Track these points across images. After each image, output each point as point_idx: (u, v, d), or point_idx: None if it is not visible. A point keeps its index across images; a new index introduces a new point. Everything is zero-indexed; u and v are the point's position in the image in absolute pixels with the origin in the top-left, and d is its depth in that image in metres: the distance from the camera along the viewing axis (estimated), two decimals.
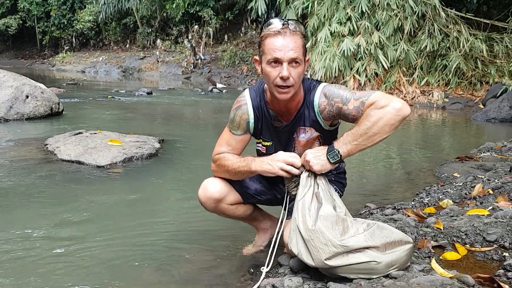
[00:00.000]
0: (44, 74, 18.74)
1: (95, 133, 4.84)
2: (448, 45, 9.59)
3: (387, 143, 3.88)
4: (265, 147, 1.98)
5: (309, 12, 10.62)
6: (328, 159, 1.70)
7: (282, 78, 1.72)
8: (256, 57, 1.86)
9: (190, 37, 18.16)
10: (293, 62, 1.72)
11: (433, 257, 1.78)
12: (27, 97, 6.35)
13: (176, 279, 2.05)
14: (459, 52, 9.38)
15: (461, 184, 3.13)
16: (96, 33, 24.31)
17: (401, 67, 9.86)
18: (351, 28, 9.84)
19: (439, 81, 9.68)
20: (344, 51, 9.60)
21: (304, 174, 1.74)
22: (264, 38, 1.76)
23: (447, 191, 2.98)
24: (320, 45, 9.95)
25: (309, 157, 1.72)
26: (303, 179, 1.73)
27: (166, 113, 8.18)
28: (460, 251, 1.86)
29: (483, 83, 9.44)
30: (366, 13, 9.84)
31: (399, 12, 9.67)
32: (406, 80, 9.74)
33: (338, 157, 1.69)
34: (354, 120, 1.76)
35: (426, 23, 9.71)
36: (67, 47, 25.03)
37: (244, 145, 2.01)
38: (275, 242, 1.83)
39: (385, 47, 9.71)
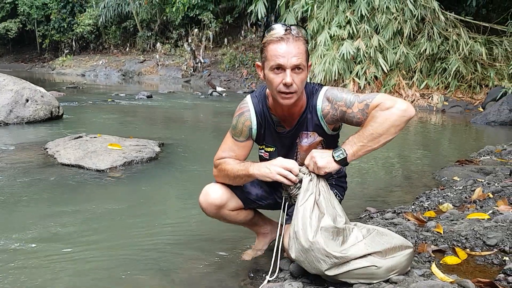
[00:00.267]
0: (44, 78, 18.76)
1: (95, 137, 4.84)
2: (447, 48, 9.62)
3: (387, 146, 3.87)
4: (268, 153, 1.98)
5: (308, 16, 10.64)
6: (333, 157, 1.70)
7: (285, 85, 1.72)
8: (258, 63, 1.85)
9: (190, 40, 18.17)
10: (296, 68, 1.71)
11: (433, 262, 1.78)
12: (27, 101, 6.35)
13: (176, 284, 2.05)
14: (459, 55, 9.40)
15: (461, 187, 3.13)
16: (96, 36, 24.36)
17: (401, 70, 9.88)
18: (351, 32, 9.87)
19: (438, 84, 9.70)
20: (343, 54, 9.62)
21: (306, 178, 1.72)
22: (266, 44, 1.75)
23: (447, 194, 2.97)
24: (320, 48, 9.97)
25: (315, 154, 1.72)
26: (305, 184, 1.71)
27: (166, 116, 8.17)
28: (460, 255, 1.86)
29: (483, 86, 9.46)
30: (365, 16, 9.87)
31: (398, 16, 9.70)
32: (406, 83, 9.76)
33: (344, 156, 1.68)
34: (359, 123, 1.76)
35: (426, 26, 9.74)
36: (67, 51, 25.07)
37: (247, 151, 2.00)
38: (277, 249, 1.83)
39: (385, 51, 9.73)
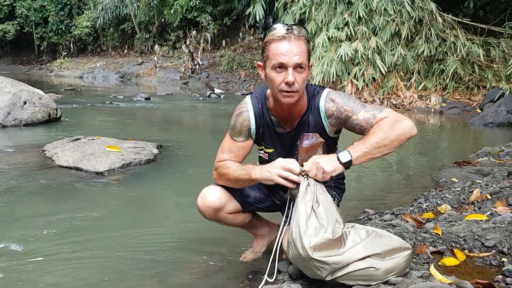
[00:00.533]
0: (42, 80, 18.74)
1: (93, 139, 4.84)
2: (445, 49, 9.65)
3: None
4: (267, 154, 1.97)
5: (306, 18, 10.66)
6: (338, 158, 1.67)
7: (287, 84, 1.72)
8: (259, 63, 1.85)
9: (188, 42, 18.19)
10: (298, 67, 1.71)
11: (431, 263, 1.78)
12: (25, 103, 6.35)
13: (174, 287, 2.04)
14: (456, 57, 9.42)
15: (459, 189, 3.13)
16: (94, 38, 24.35)
17: (399, 72, 9.89)
18: (349, 33, 9.89)
19: (436, 85, 9.72)
20: (341, 56, 9.63)
21: (303, 183, 1.68)
22: (268, 43, 1.75)
23: (445, 196, 2.98)
24: (318, 50, 9.98)
25: (319, 159, 1.68)
26: (302, 189, 1.67)
27: (164, 118, 8.17)
28: (458, 256, 1.86)
29: (480, 87, 9.47)
30: (363, 18, 9.89)
31: (396, 17, 9.72)
32: (404, 85, 9.78)
33: (350, 158, 1.66)
34: (362, 130, 1.76)
35: (423, 28, 9.77)
36: (65, 53, 25.05)
37: (246, 152, 1.99)
38: (275, 251, 1.81)
39: (383, 52, 9.75)
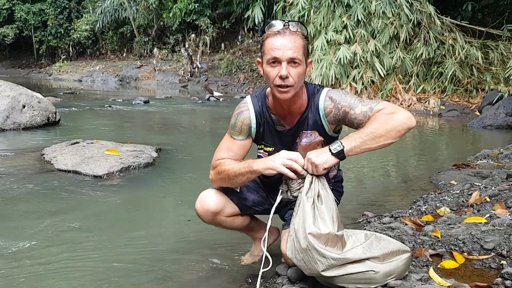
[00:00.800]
0: (41, 83, 18.72)
1: (92, 142, 4.84)
2: (443, 52, 9.66)
3: (384, 151, 3.88)
4: (267, 153, 1.97)
5: (305, 21, 10.66)
6: (330, 150, 1.67)
7: (281, 77, 1.73)
8: (259, 59, 1.87)
9: (187, 45, 18.20)
10: (292, 61, 1.73)
11: (431, 266, 1.78)
12: (23, 106, 6.34)
13: None
14: (455, 60, 9.44)
15: (458, 191, 3.13)
16: (93, 42, 24.33)
17: (397, 74, 9.90)
18: (347, 36, 9.89)
19: (435, 88, 9.73)
20: (340, 59, 9.64)
21: (308, 178, 1.69)
22: (265, 38, 1.78)
23: (444, 198, 2.98)
24: (317, 53, 9.99)
25: (311, 155, 1.69)
26: (306, 185, 1.68)
27: (163, 122, 8.17)
28: (457, 259, 1.86)
29: (479, 90, 9.49)
30: (362, 21, 9.90)
31: (394, 20, 9.74)
32: (403, 88, 9.79)
33: (341, 148, 1.66)
34: (360, 125, 1.77)
35: (422, 31, 9.79)
36: (64, 56, 25.02)
37: (245, 151, 1.98)
38: (264, 239, 1.85)
39: (381, 55, 9.76)
